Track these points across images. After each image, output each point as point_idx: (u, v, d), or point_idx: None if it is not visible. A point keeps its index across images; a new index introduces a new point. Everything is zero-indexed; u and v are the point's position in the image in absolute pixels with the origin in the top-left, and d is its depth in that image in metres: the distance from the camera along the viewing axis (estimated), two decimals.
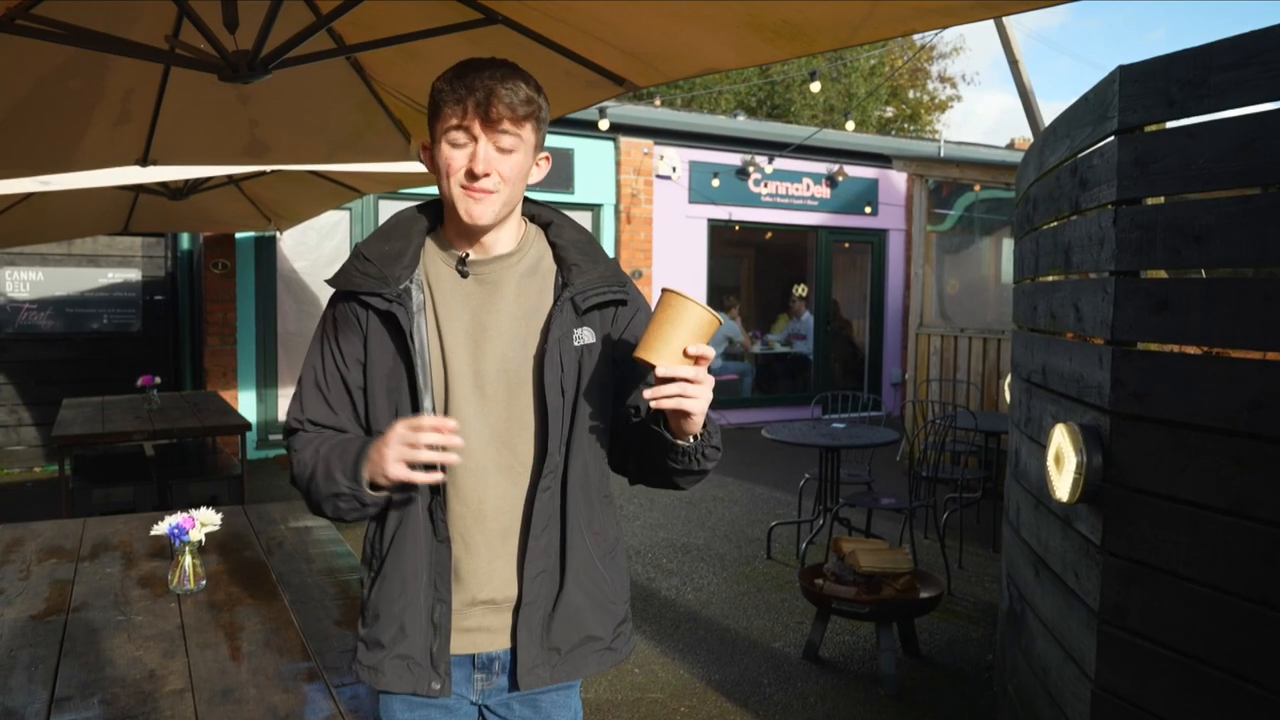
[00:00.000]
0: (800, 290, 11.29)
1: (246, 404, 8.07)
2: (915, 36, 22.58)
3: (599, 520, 1.54)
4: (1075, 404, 2.50)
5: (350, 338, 1.48)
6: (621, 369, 1.54)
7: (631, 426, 1.54)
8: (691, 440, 1.41)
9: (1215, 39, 2.07)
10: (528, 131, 1.43)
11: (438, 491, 1.45)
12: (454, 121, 1.38)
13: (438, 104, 1.40)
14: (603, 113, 7.59)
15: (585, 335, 1.49)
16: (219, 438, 6.05)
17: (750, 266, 12.50)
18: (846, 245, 11.37)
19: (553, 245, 1.56)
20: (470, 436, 1.45)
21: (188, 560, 2.28)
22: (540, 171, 1.53)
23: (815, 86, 6.57)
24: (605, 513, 1.56)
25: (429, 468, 1.36)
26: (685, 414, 1.34)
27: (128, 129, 3.31)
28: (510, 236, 1.52)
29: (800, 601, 4.56)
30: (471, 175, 1.39)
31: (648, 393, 1.34)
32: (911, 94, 23.83)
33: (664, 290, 1.35)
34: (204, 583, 2.32)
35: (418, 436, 1.32)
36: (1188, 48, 2.12)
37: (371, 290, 1.45)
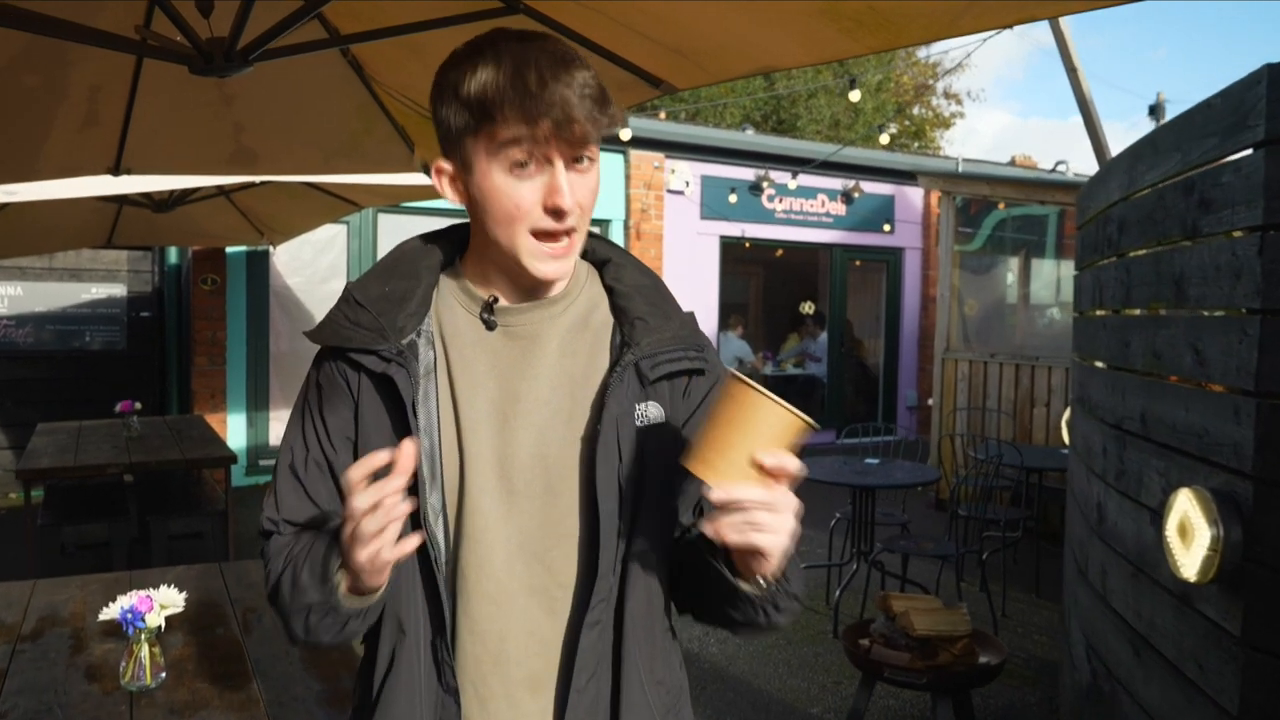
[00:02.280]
0: (807, 308, 10.91)
1: (236, 427, 7.68)
2: (920, 53, 22.38)
3: (663, 665, 1.14)
4: (1197, 463, 2.13)
5: (338, 409, 1.10)
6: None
7: (683, 543, 1.15)
8: (761, 585, 1.02)
9: (1219, 57, 1.70)
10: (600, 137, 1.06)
11: (443, 625, 1.06)
12: (519, 147, 0.99)
13: (487, 110, 0.99)
14: (624, 121, 7.14)
15: (651, 412, 1.10)
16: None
17: (760, 284, 12.16)
18: (858, 263, 11.02)
19: (609, 290, 1.16)
20: (491, 548, 1.06)
21: (144, 650, 1.89)
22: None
23: (855, 95, 6.21)
24: (670, 654, 1.16)
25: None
26: (757, 552, 0.95)
27: (96, 133, 2.94)
28: None
29: (835, 656, 4.17)
30: (558, 213, 1.01)
31: (705, 525, 0.95)
32: (915, 110, 23.57)
33: (729, 377, 0.96)
34: (163, 675, 1.93)
35: (366, 498, 0.91)
36: None
37: (364, 346, 1.06)
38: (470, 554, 1.06)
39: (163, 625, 1.92)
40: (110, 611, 1.88)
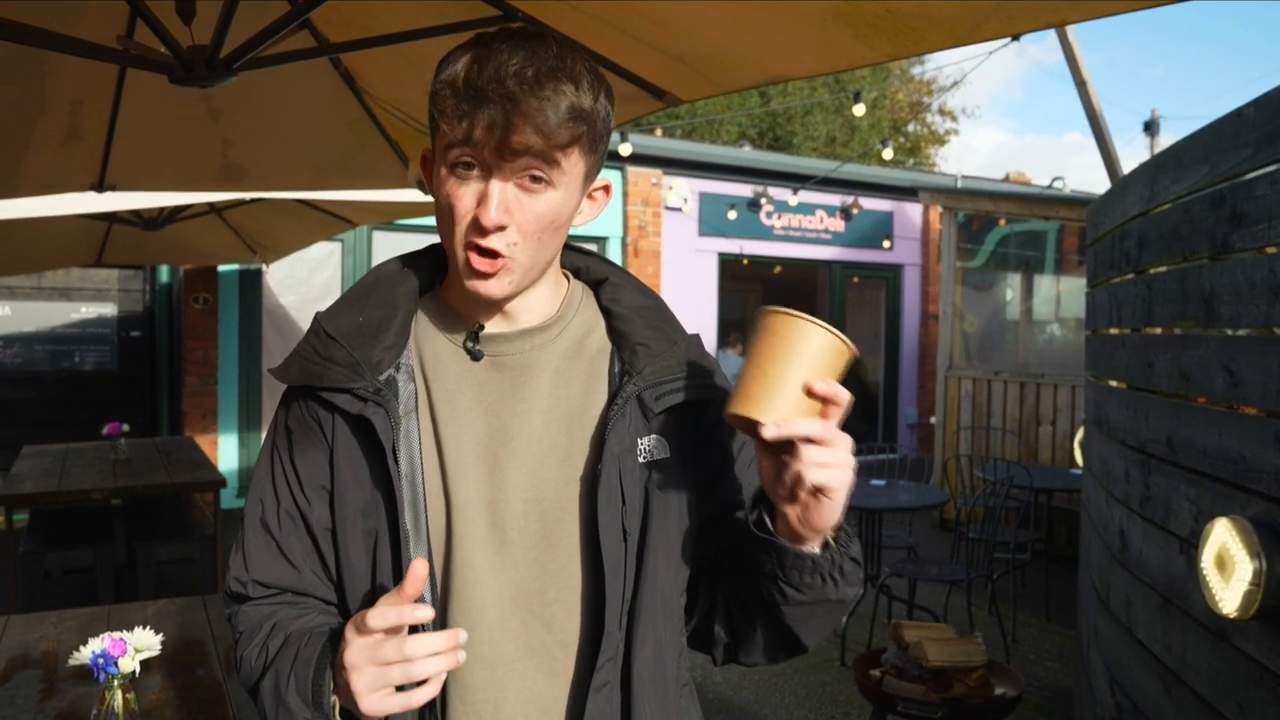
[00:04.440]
0: None
1: (227, 448, 7.55)
2: (915, 70, 22.43)
3: None
4: (1233, 490, 2.02)
5: (310, 455, 0.99)
6: (706, 494, 1.05)
7: (718, 569, 1.05)
8: (821, 545, 0.92)
9: (1217, 75, 1.61)
10: (573, 159, 0.93)
11: None
12: (455, 144, 0.90)
13: (437, 103, 0.93)
14: (624, 136, 6.95)
15: (654, 447, 1.00)
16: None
17: (759, 301, 12.06)
18: (856, 280, 10.94)
19: (606, 313, 1.07)
20: (484, 604, 0.96)
21: (117, 698, 1.77)
22: (594, 208, 1.02)
23: (859, 109, 6.13)
24: (687, 712, 1.06)
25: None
26: (820, 493, 0.86)
27: (78, 148, 2.84)
28: (545, 300, 1.03)
29: (844, 686, 4.04)
30: (479, 227, 0.91)
31: (765, 475, 0.89)
32: (911, 127, 23.59)
33: (763, 311, 0.88)
34: None
35: (401, 649, 0.82)
36: None
37: (337, 384, 0.96)
38: (460, 613, 0.96)
39: (137, 670, 1.79)
40: (81, 656, 1.75)
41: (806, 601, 0.94)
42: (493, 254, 0.92)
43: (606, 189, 1.02)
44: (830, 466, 0.85)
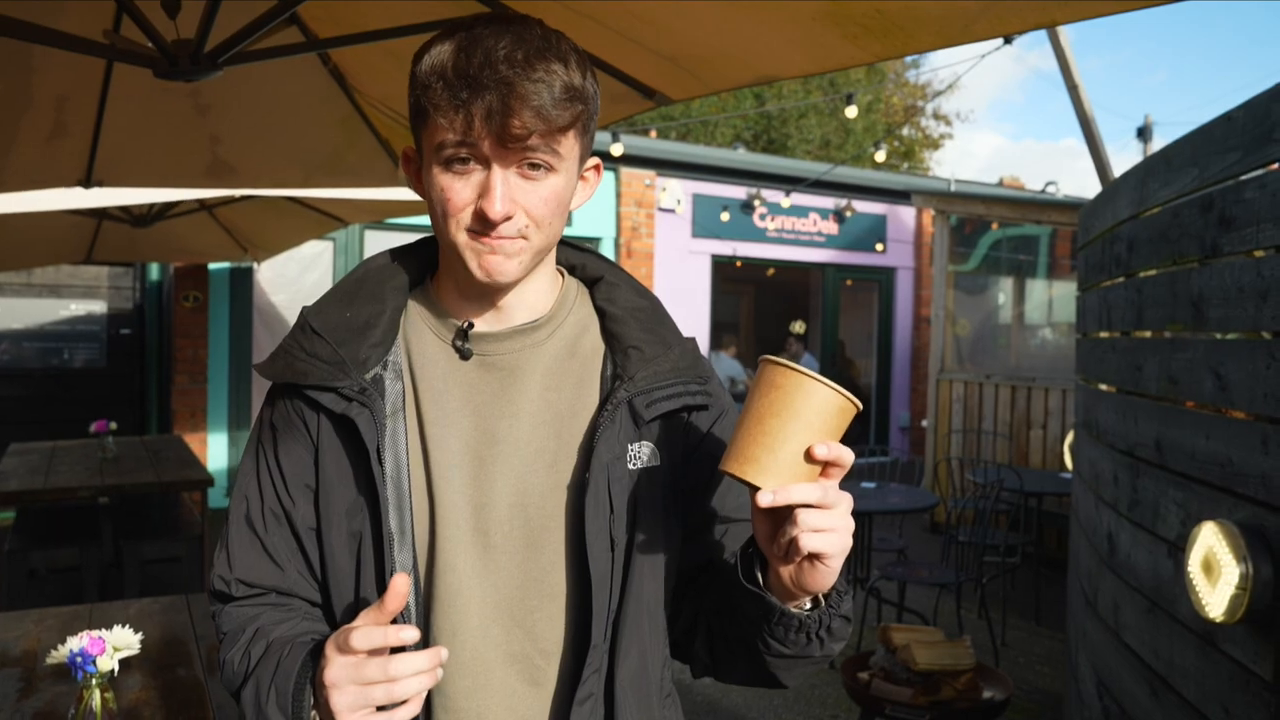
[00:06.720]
0: (798, 327, 10.80)
1: (216, 447, 7.51)
2: (909, 74, 22.48)
3: None
4: (1220, 494, 2.02)
5: (295, 453, 0.97)
6: (694, 504, 1.03)
7: (704, 585, 1.03)
8: (810, 608, 0.89)
9: (1215, 81, 1.61)
10: (569, 141, 0.91)
11: None
12: (451, 136, 0.87)
13: (422, 105, 0.89)
14: (616, 136, 6.88)
15: (644, 454, 0.97)
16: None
17: (752, 304, 12.07)
18: (849, 283, 10.94)
19: (601, 313, 1.04)
20: (467, 610, 0.94)
21: (95, 697, 1.75)
22: (587, 188, 1.00)
23: (852, 111, 6.11)
24: None
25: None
26: (817, 559, 0.82)
27: (65, 144, 2.82)
28: (539, 297, 1.01)
29: (833, 689, 4.04)
30: (483, 219, 0.89)
31: (760, 534, 0.85)
32: (905, 131, 23.62)
33: (764, 362, 0.83)
34: None
35: (386, 669, 0.79)
36: None
37: (322, 383, 0.94)
38: (443, 619, 0.94)
39: (116, 669, 1.77)
40: (59, 654, 1.73)
41: (789, 655, 0.92)
42: (504, 239, 0.91)
43: (597, 168, 1.01)
44: (827, 532, 0.81)
